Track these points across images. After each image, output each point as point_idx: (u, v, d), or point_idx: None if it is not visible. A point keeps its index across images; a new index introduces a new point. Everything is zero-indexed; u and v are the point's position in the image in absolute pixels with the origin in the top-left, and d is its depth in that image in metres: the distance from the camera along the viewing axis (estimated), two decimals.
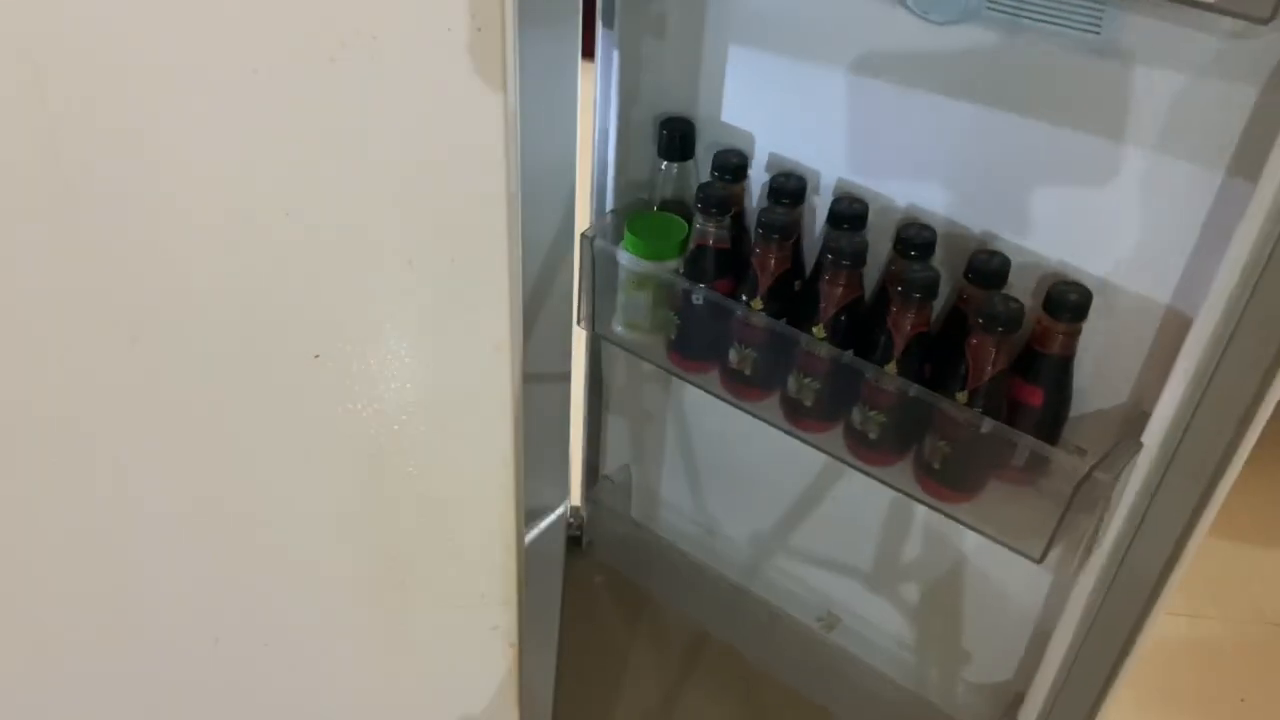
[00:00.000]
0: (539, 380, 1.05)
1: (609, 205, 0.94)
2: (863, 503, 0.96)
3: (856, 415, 0.77)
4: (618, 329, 0.91)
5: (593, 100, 0.91)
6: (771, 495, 1.04)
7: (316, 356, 0.55)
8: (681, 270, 0.84)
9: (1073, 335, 0.70)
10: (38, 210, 0.49)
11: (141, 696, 0.66)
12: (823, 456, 0.92)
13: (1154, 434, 0.69)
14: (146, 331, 0.53)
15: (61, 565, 0.60)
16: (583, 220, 0.96)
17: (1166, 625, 1.28)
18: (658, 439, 1.11)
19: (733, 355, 0.82)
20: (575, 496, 1.22)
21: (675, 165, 0.87)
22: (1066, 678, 0.88)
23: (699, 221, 0.81)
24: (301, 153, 0.49)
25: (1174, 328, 0.69)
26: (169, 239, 0.51)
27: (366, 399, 0.57)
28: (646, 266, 0.84)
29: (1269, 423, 0.64)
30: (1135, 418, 0.72)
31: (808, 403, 0.79)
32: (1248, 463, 0.67)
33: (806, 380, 0.79)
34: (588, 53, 0.89)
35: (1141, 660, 0.90)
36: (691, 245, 0.82)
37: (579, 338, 1.06)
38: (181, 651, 0.65)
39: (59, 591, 0.61)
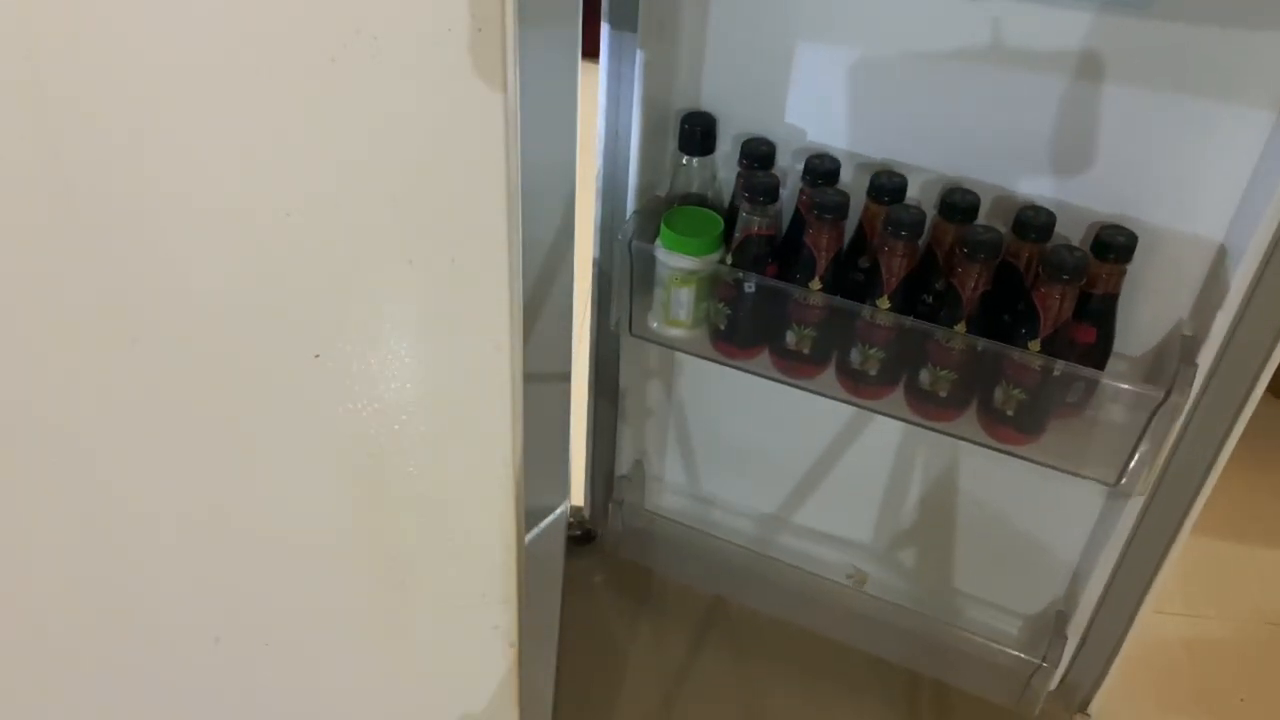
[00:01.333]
0: (539, 380, 1.06)
1: (630, 205, 0.95)
2: (884, 461, 1.01)
3: (925, 376, 0.81)
4: (655, 326, 0.92)
5: (595, 100, 0.91)
6: (788, 468, 1.08)
7: (317, 356, 0.55)
8: (729, 261, 0.85)
9: (1119, 275, 0.76)
10: (36, 210, 0.48)
11: (142, 696, 0.66)
12: (836, 423, 0.96)
13: (1205, 356, 0.76)
14: (147, 332, 0.53)
15: (61, 566, 0.59)
16: (584, 220, 0.96)
17: (1167, 625, 1.28)
18: (675, 431, 1.13)
19: (790, 336, 0.85)
20: (576, 496, 1.22)
21: (696, 160, 0.89)
22: (1106, 591, 0.95)
23: (745, 210, 0.82)
24: (302, 152, 0.49)
25: (1224, 262, 0.75)
26: (169, 239, 0.50)
27: (366, 399, 0.57)
28: (691, 262, 0.86)
29: (1269, 422, 0.67)
30: (1184, 345, 0.78)
31: (872, 372, 0.83)
32: (1246, 463, 0.66)
33: (872, 350, 0.82)
34: (588, 53, 0.89)
35: (1141, 660, 0.96)
36: (739, 235, 0.84)
37: (579, 338, 1.06)
38: (182, 651, 0.65)
39: (59, 593, 0.60)
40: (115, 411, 0.55)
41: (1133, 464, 0.78)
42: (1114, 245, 0.74)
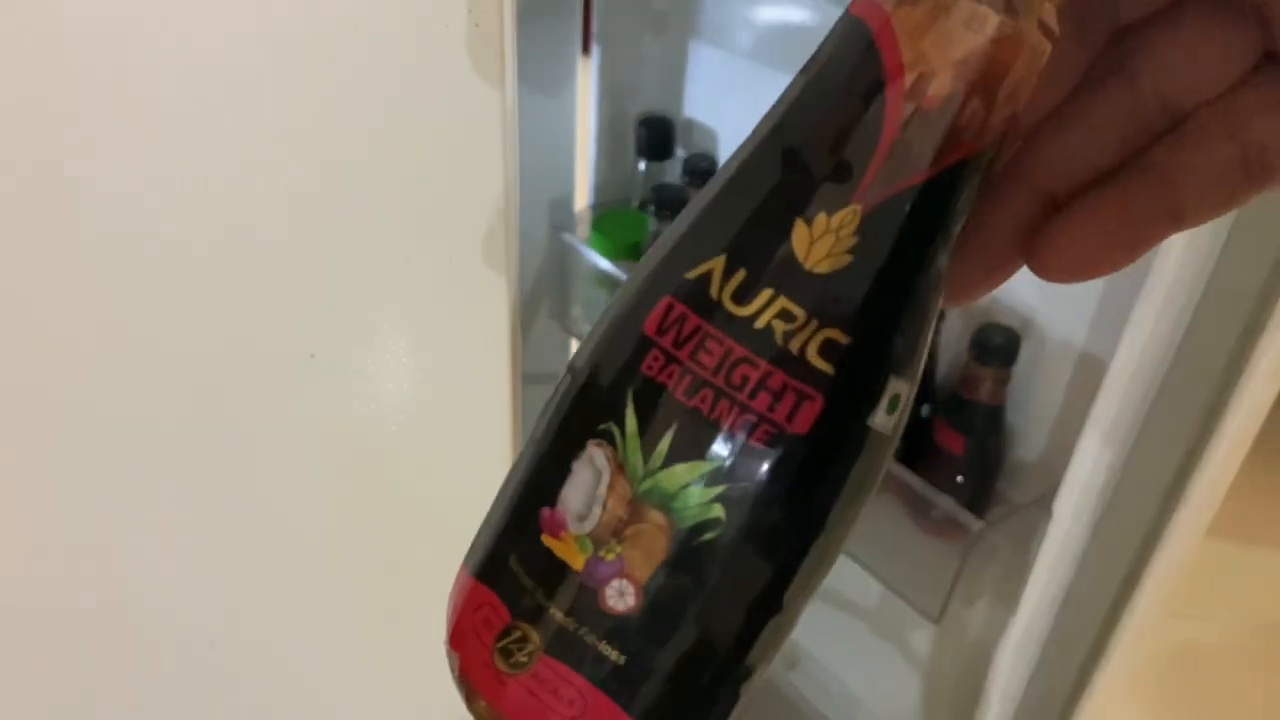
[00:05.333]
0: (539, 380, 1.06)
1: (591, 202, 0.96)
2: None
3: None
4: (584, 326, 0.93)
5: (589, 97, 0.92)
6: None
7: (312, 356, 0.55)
8: None
9: (1000, 382, 0.66)
10: (28, 207, 0.48)
11: (136, 700, 0.66)
12: None
13: (1067, 500, 0.63)
14: (141, 332, 0.53)
15: (53, 568, 0.59)
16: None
17: (1166, 626, 1.28)
18: None
19: None
20: None
21: (654, 165, 0.90)
22: None
23: (652, 223, 0.84)
24: (296, 150, 0.49)
25: (1090, 373, 0.64)
26: (160, 239, 0.50)
27: (363, 399, 0.57)
28: (607, 265, 0.85)
29: (1268, 421, 0.60)
30: (1019, 474, 0.68)
31: None
32: (1246, 463, 0.63)
33: None
34: (586, 49, 0.90)
35: (1141, 661, 0.95)
36: (646, 245, 0.85)
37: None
38: (177, 655, 0.64)
39: (50, 595, 0.60)
40: (108, 412, 0.55)
41: (952, 602, 0.69)
42: (991, 347, 0.65)
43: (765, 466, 0.25)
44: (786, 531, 0.25)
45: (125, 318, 0.53)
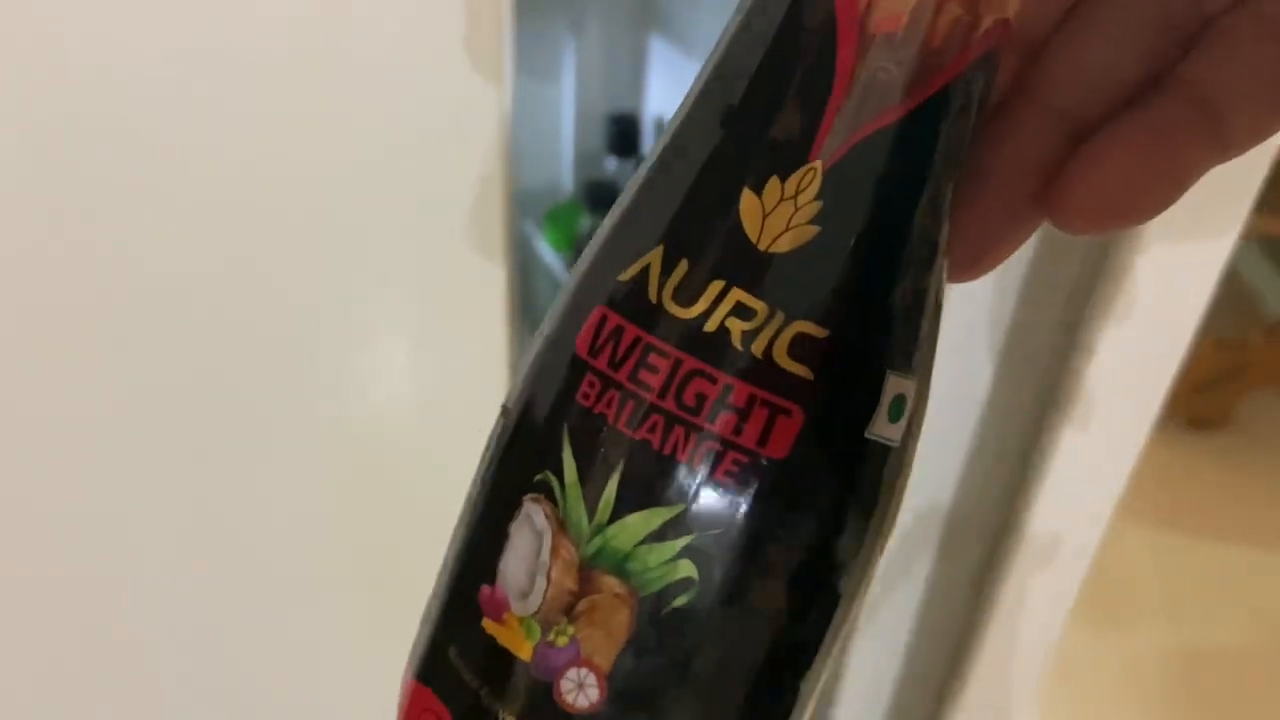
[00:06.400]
0: None
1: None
2: None
3: None
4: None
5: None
6: None
7: (310, 356, 0.55)
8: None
9: None
10: (22, 205, 0.48)
11: (132, 700, 0.66)
12: None
13: None
14: (138, 332, 0.53)
15: (48, 567, 0.59)
16: None
17: (1166, 628, 1.28)
18: None
19: None
20: None
21: (623, 161, 0.91)
22: None
23: (585, 218, 0.84)
24: (293, 148, 0.49)
25: None
26: (157, 238, 0.50)
27: (361, 400, 0.56)
28: (552, 256, 0.87)
29: (1268, 421, 0.60)
30: None
31: None
32: (1245, 464, 0.62)
33: None
34: None
35: (1142, 662, 0.93)
36: (580, 239, 0.85)
37: None
38: (172, 655, 0.65)
39: (44, 594, 0.60)
40: (103, 412, 0.55)
41: None
42: None
43: (740, 505, 0.19)
44: (781, 581, 0.20)
45: (124, 317, 0.52)
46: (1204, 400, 1.61)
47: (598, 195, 0.85)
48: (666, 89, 0.88)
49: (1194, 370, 1.63)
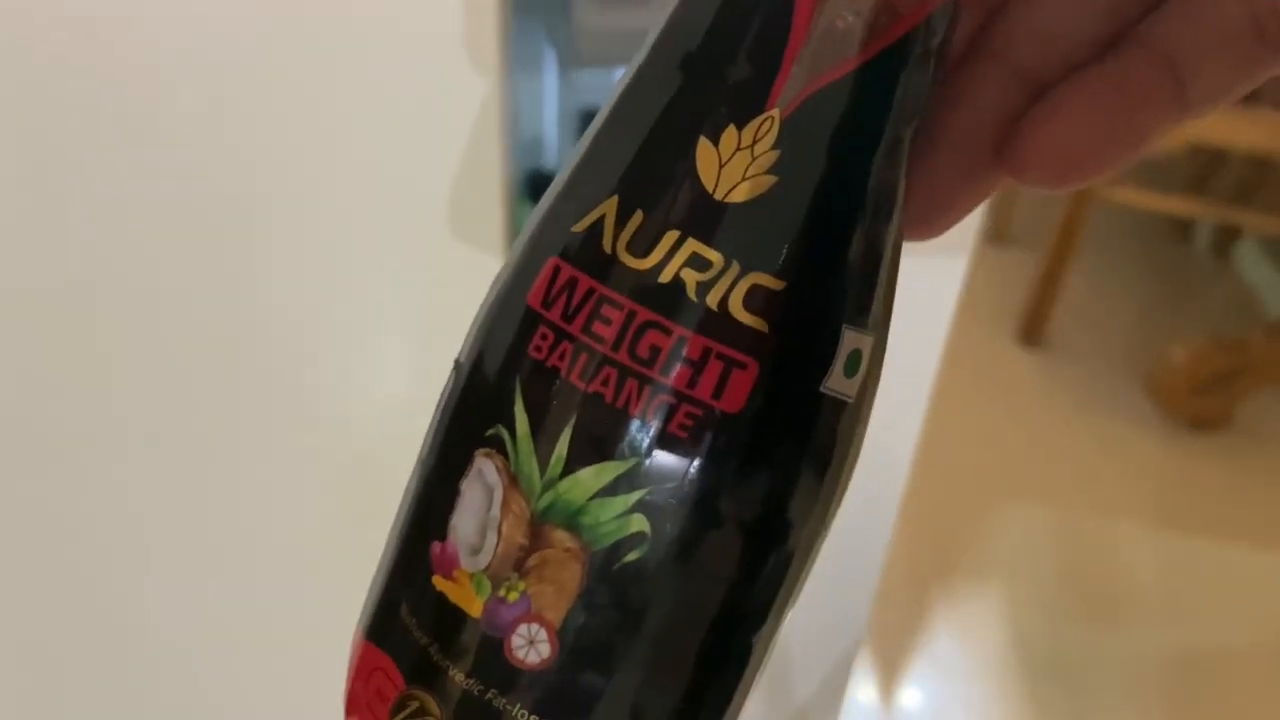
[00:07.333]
0: None
1: None
2: None
3: None
4: None
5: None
6: None
7: (308, 355, 0.54)
8: None
9: None
10: (18, 203, 0.48)
11: (132, 698, 0.66)
12: None
13: None
14: (138, 331, 0.53)
15: (48, 567, 0.59)
16: None
17: (1166, 628, 1.28)
18: None
19: None
20: None
21: None
22: None
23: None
24: (291, 146, 0.49)
25: None
26: (154, 237, 0.50)
27: (360, 399, 0.56)
28: None
29: (1268, 421, 0.60)
30: None
31: None
32: (1245, 464, 0.61)
33: None
34: None
35: (1142, 662, 0.92)
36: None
37: None
38: (171, 653, 0.65)
39: (45, 594, 0.60)
40: (100, 412, 0.55)
41: None
42: None
43: (693, 459, 0.19)
44: (734, 536, 0.20)
45: (124, 317, 0.52)
46: (1204, 401, 1.61)
47: (538, 187, 0.85)
48: None
49: (1194, 371, 1.63)
